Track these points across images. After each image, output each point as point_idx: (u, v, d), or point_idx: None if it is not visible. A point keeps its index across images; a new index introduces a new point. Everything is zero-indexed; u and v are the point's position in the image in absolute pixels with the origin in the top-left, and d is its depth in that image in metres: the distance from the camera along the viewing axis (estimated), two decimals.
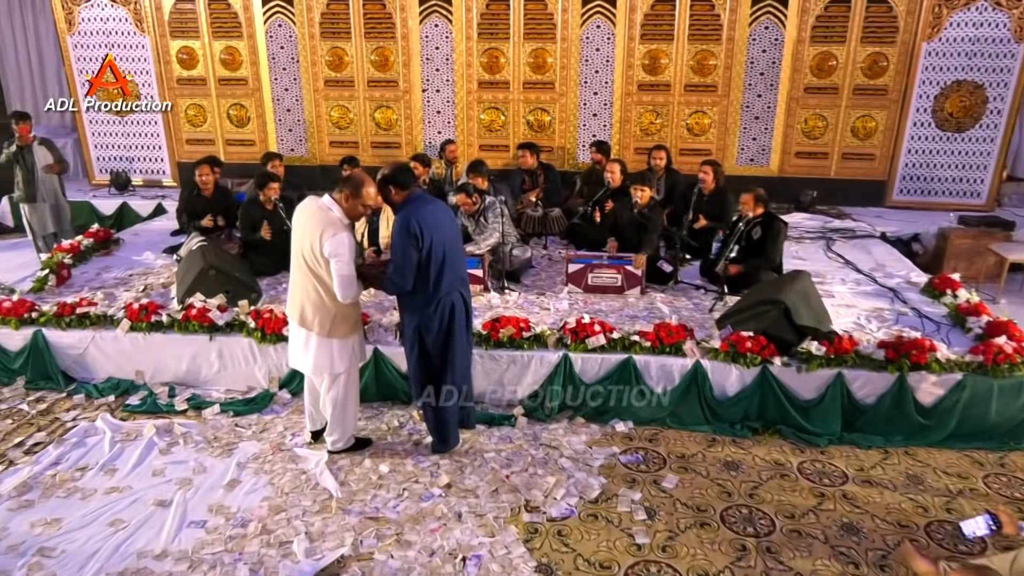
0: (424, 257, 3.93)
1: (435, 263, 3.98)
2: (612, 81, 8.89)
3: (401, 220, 3.95)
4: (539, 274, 6.57)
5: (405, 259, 3.92)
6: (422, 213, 3.95)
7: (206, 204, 6.92)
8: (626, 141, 9.10)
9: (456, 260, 4.16)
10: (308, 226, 3.98)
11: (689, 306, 5.81)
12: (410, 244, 3.90)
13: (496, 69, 9.04)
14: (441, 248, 3.99)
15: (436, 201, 4.22)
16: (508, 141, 9.28)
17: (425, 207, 4.01)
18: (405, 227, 3.90)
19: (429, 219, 3.95)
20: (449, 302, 4.12)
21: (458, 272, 4.19)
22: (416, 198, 4.04)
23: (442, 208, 4.20)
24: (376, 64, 9.21)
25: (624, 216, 6.39)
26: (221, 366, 5.32)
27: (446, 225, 4.11)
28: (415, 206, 3.99)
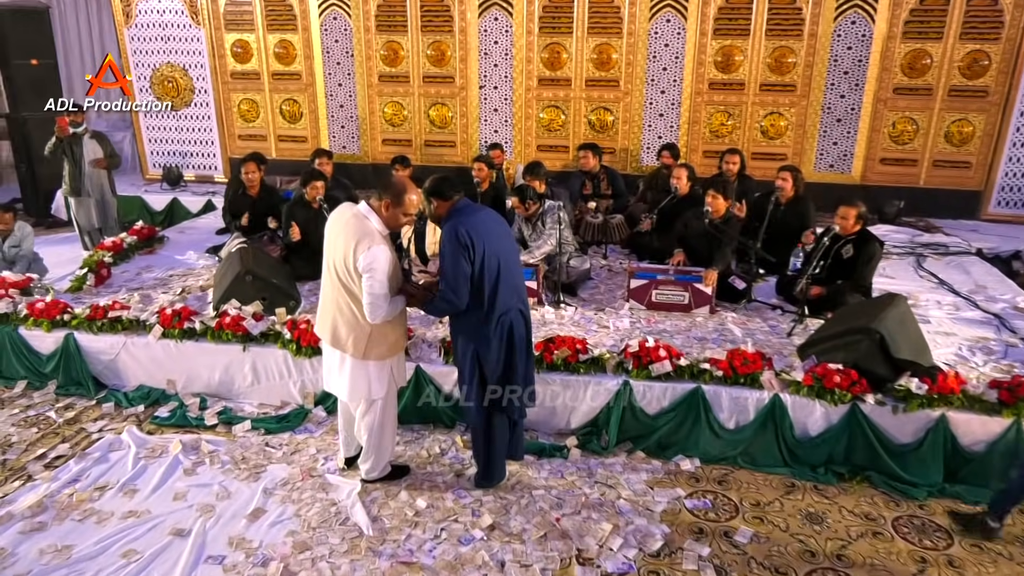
0: (477, 270, 3.51)
1: (489, 276, 3.54)
2: (681, 79, 8.32)
3: (448, 230, 3.51)
4: (598, 287, 6.07)
5: (457, 272, 3.47)
6: (471, 222, 3.53)
7: (251, 203, 6.64)
8: (694, 143, 8.51)
9: (513, 272, 3.70)
10: (341, 236, 3.58)
11: (764, 328, 5.23)
12: (461, 255, 3.46)
13: (557, 65, 8.56)
14: (495, 259, 3.55)
15: (485, 209, 3.78)
16: (568, 141, 8.79)
17: (474, 215, 3.60)
18: (454, 237, 3.47)
19: (480, 228, 3.52)
20: (508, 321, 3.67)
21: (516, 286, 3.74)
22: (462, 208, 3.63)
23: (493, 216, 3.76)
24: (432, 59, 8.83)
25: (694, 227, 5.84)
26: (255, 379, 4.99)
27: (500, 234, 3.67)
28: (462, 215, 3.58)
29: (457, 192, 3.65)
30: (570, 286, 5.83)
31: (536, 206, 5.85)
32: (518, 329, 3.72)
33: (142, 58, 9.54)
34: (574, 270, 5.86)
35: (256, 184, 6.68)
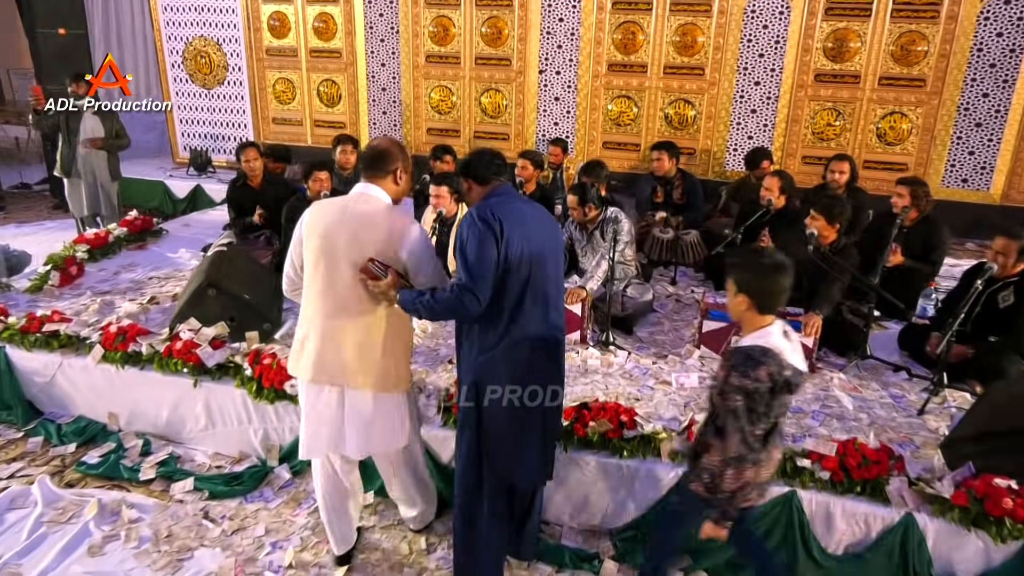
0: (502, 268, 2.53)
1: (516, 281, 2.57)
2: (781, 68, 6.89)
3: (473, 212, 2.58)
4: (660, 323, 4.76)
5: (483, 256, 2.50)
6: (506, 209, 2.58)
7: (253, 195, 5.61)
8: (792, 147, 7.06)
9: (551, 287, 2.68)
10: (358, 233, 2.66)
11: (885, 399, 3.84)
12: (488, 239, 2.50)
13: (632, 48, 7.25)
14: (529, 262, 2.58)
15: (531, 203, 2.85)
16: (639, 139, 7.47)
17: (512, 204, 2.66)
18: (480, 217, 2.54)
19: (515, 219, 2.57)
20: (527, 348, 2.62)
21: (551, 304, 2.69)
22: (501, 192, 2.69)
23: (540, 212, 2.78)
24: (487, 38, 7.65)
25: (792, 253, 4.45)
26: (209, 421, 3.93)
27: (544, 236, 2.68)
28: (498, 200, 2.64)
29: (498, 174, 2.71)
30: (625, 321, 4.56)
31: (596, 212, 4.61)
32: (543, 362, 2.70)
33: (174, 30, 8.71)
34: (631, 301, 4.58)
35: (258, 174, 5.66)
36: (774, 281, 2.27)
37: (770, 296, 2.27)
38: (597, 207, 4.58)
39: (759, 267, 2.29)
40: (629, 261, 4.70)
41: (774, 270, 2.27)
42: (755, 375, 2.15)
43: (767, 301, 2.28)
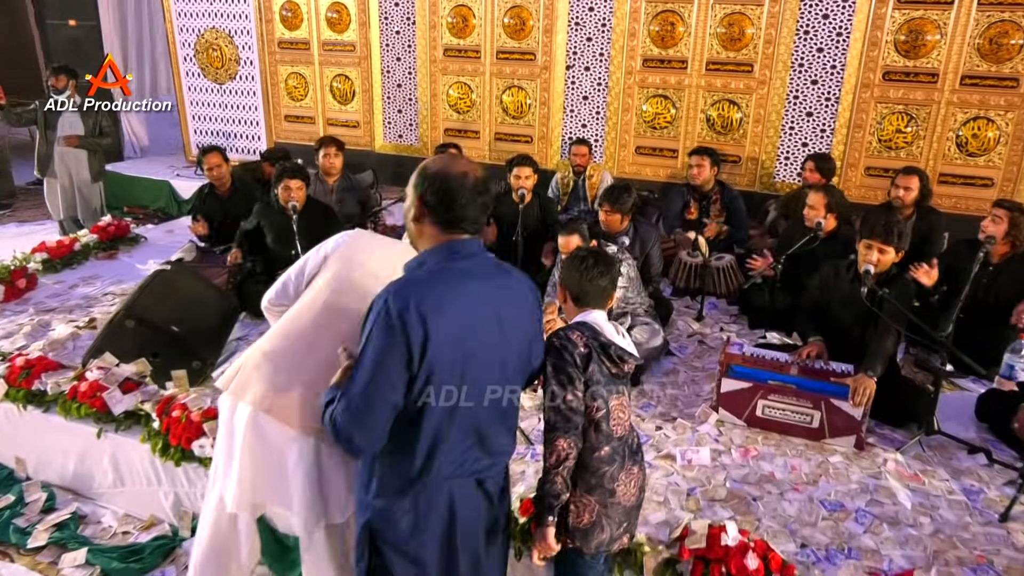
0: (419, 390, 1.73)
1: (441, 403, 1.76)
2: (844, 64, 5.93)
3: (395, 288, 1.71)
4: (676, 370, 3.93)
5: (373, 384, 1.69)
6: (446, 292, 1.74)
7: (222, 205, 5.01)
8: (854, 156, 6.09)
9: (499, 406, 1.88)
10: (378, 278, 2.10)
11: (955, 494, 2.94)
12: (394, 349, 1.67)
13: (670, 41, 6.39)
14: (464, 376, 1.78)
15: (499, 273, 1.89)
16: (677, 143, 6.61)
17: (464, 282, 1.78)
18: (396, 306, 1.67)
19: (456, 311, 1.75)
20: (447, 499, 1.85)
21: (496, 431, 1.90)
22: (455, 253, 1.80)
23: (507, 291, 1.88)
24: (510, 29, 6.90)
25: (840, 291, 3.59)
26: (117, 477, 3.31)
27: (499, 333, 1.84)
28: (442, 270, 1.78)
29: (467, 221, 1.79)
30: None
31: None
32: (464, 522, 1.88)
33: (187, 21, 8.23)
34: (637, 346, 3.76)
35: (225, 181, 5.06)
36: (585, 276, 2.17)
37: (584, 292, 2.18)
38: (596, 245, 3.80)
39: (572, 261, 2.22)
40: (638, 301, 3.89)
41: (584, 264, 2.18)
42: (564, 334, 2.09)
43: (583, 296, 2.19)
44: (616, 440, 2.15)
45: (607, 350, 2.11)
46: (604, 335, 2.14)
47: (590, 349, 2.09)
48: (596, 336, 2.12)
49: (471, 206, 1.76)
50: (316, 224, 4.59)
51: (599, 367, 2.11)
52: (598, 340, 2.12)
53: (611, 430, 2.13)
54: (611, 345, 2.12)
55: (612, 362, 2.12)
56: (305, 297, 2.24)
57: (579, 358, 2.06)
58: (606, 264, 2.24)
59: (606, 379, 2.13)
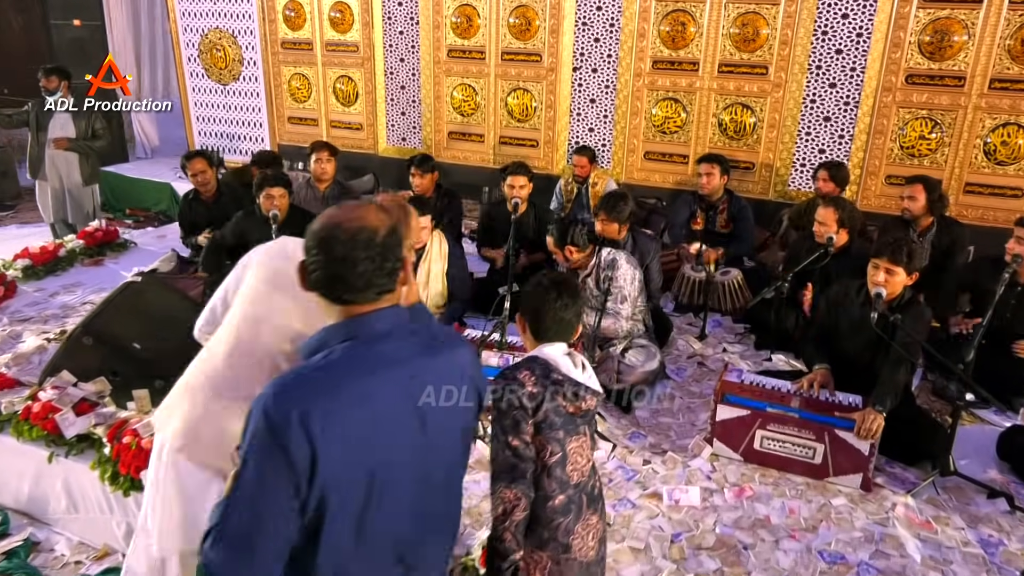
0: (310, 521, 1.32)
1: (334, 541, 1.35)
2: (864, 67, 5.61)
3: (274, 391, 1.30)
4: (672, 396, 3.67)
5: (254, 525, 1.27)
6: (335, 397, 1.31)
7: (207, 211, 4.84)
8: (874, 164, 5.77)
9: (422, 528, 1.50)
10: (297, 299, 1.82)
11: (971, 545, 2.66)
12: (276, 468, 1.27)
13: (681, 42, 6.11)
14: (366, 507, 1.37)
15: (423, 351, 1.45)
16: (688, 149, 6.32)
17: (376, 373, 1.37)
18: (264, 433, 1.27)
19: (360, 414, 1.34)
20: None
21: (418, 555, 1.51)
22: (365, 329, 1.39)
23: (429, 376, 1.45)
24: (515, 29, 6.66)
25: (847, 313, 3.31)
26: (71, 503, 3.13)
27: (415, 433, 1.43)
28: (344, 357, 1.36)
29: (362, 286, 1.37)
30: (620, 396, 3.50)
31: (583, 255, 3.58)
32: None
33: (191, 21, 8.11)
34: (630, 370, 3.50)
35: (211, 187, 4.89)
36: (547, 309, 1.94)
37: (545, 326, 1.95)
38: (582, 249, 3.54)
39: (534, 290, 1.99)
40: (631, 317, 3.63)
41: (546, 295, 1.95)
42: (511, 374, 1.89)
43: (543, 331, 1.96)
44: (572, 487, 1.92)
45: (560, 388, 1.88)
46: (559, 371, 1.91)
47: (542, 389, 1.86)
48: (548, 374, 1.90)
49: (375, 270, 1.34)
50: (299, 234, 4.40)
51: (553, 407, 1.89)
52: (550, 378, 1.89)
53: (567, 476, 1.91)
54: (565, 382, 1.90)
55: (568, 401, 1.90)
56: (222, 327, 2.03)
57: (527, 400, 1.85)
58: (571, 295, 2.00)
59: (563, 419, 1.91)
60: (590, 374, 2.02)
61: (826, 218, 3.90)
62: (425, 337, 1.46)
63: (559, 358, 1.97)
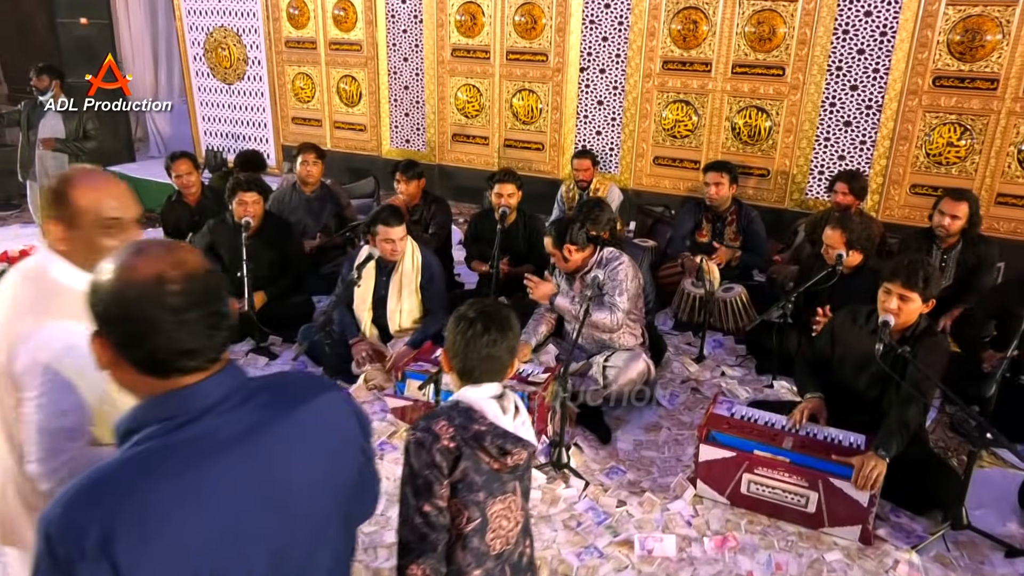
0: None
1: None
2: (888, 68, 5.24)
3: (46, 535, 0.95)
4: (658, 426, 3.37)
5: None
6: (145, 506, 0.98)
7: (190, 215, 4.65)
8: (898, 172, 5.39)
9: None
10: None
11: None
12: None
13: (693, 41, 5.79)
14: None
15: (275, 415, 1.14)
16: (699, 154, 5.99)
17: (184, 475, 1.02)
18: (53, 562, 0.94)
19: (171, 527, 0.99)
20: None
21: None
22: (188, 403, 1.07)
23: (283, 447, 1.14)
24: (520, 28, 6.40)
25: (854, 341, 2.97)
26: None
27: (266, 523, 1.11)
28: (142, 472, 1.01)
29: (173, 354, 1.04)
30: (597, 420, 3.22)
31: (585, 254, 3.30)
32: None
33: (196, 19, 7.98)
34: (607, 383, 3.20)
35: (195, 189, 4.70)
36: (472, 345, 1.68)
37: (469, 366, 1.69)
38: (582, 248, 3.26)
39: (456, 322, 1.73)
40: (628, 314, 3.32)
41: (470, 329, 1.69)
42: (426, 425, 1.63)
43: (469, 370, 1.70)
44: (493, 559, 1.65)
45: (481, 441, 1.61)
46: (485, 418, 1.64)
47: (460, 442, 1.60)
48: (469, 424, 1.63)
49: (185, 329, 1.03)
50: (274, 242, 4.19)
51: (473, 464, 1.62)
52: (470, 429, 1.62)
53: (487, 546, 1.64)
54: (487, 434, 1.62)
55: (492, 456, 1.63)
56: None
57: (441, 456, 1.58)
58: (500, 328, 1.72)
59: (487, 477, 1.64)
60: (524, 420, 1.75)
61: (833, 240, 3.56)
62: (271, 395, 1.17)
63: (486, 403, 1.70)
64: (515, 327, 1.79)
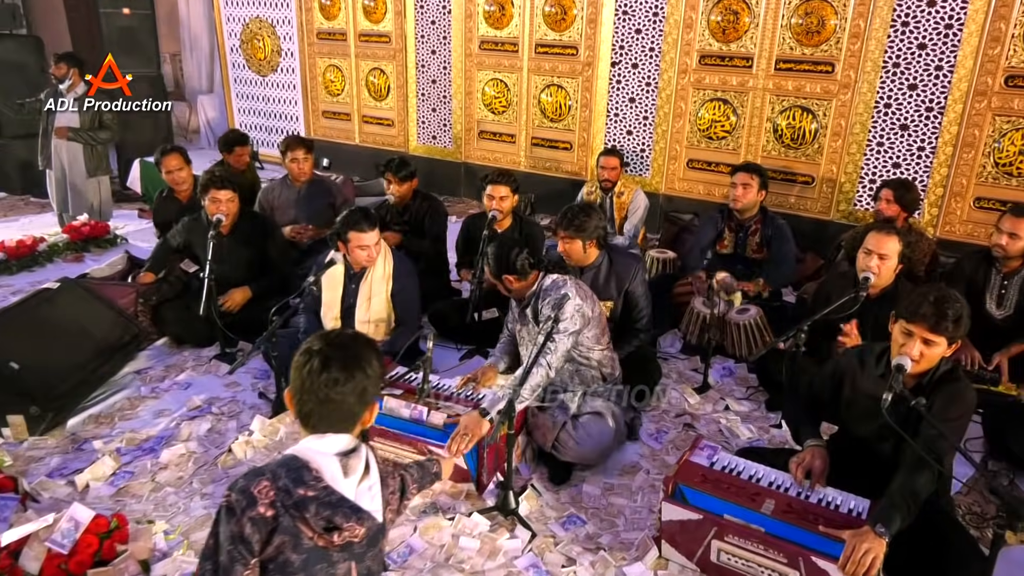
0: None
1: None
2: (952, 65, 4.63)
3: None
4: (637, 467, 2.94)
5: None
6: None
7: (180, 212, 4.46)
8: (960, 183, 4.76)
9: None
10: None
11: None
12: None
13: (733, 34, 5.29)
14: None
15: None
16: (737, 157, 5.47)
17: None
18: None
19: None
20: None
21: None
22: None
23: None
24: (551, 18, 6.01)
25: (864, 384, 2.47)
26: None
27: None
28: None
29: None
30: (563, 467, 2.81)
31: (526, 284, 2.89)
32: None
33: (233, 11, 7.89)
34: (568, 443, 2.77)
35: (186, 186, 4.51)
36: (309, 384, 1.38)
37: (307, 410, 1.40)
38: (522, 277, 2.84)
39: (298, 356, 1.43)
40: (588, 362, 2.91)
41: (307, 365, 1.39)
42: (245, 484, 1.32)
43: (307, 414, 1.40)
44: None
45: (303, 510, 1.32)
46: (321, 480, 1.36)
47: (280, 509, 1.32)
48: (295, 487, 1.33)
49: None
50: (251, 241, 3.93)
51: (292, 539, 1.32)
52: (294, 494, 1.32)
53: None
54: (312, 502, 1.32)
55: (316, 530, 1.33)
56: None
57: (252, 527, 1.30)
58: (344, 367, 1.41)
59: (308, 557, 1.33)
60: (372, 484, 1.43)
61: (886, 248, 3.05)
62: None
63: (324, 460, 1.39)
64: (369, 367, 1.45)
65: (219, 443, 3.03)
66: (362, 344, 1.50)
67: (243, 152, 5.31)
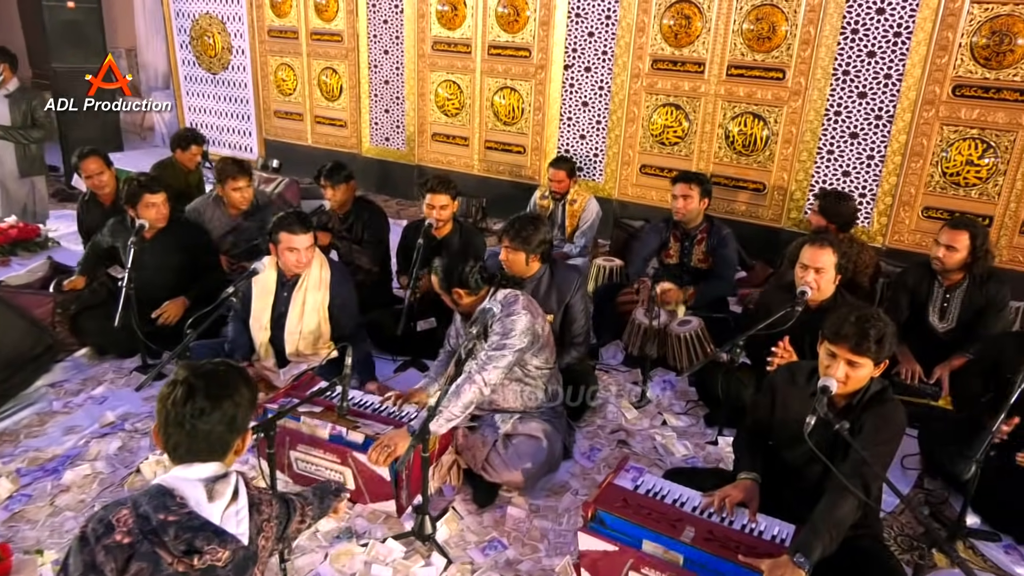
0: None
1: None
2: (901, 74, 4.60)
3: None
4: (566, 487, 2.83)
5: None
6: None
7: (103, 216, 4.27)
8: (908, 192, 4.74)
9: None
10: None
11: None
12: None
13: (685, 39, 5.22)
14: None
15: None
16: (690, 163, 5.41)
17: None
18: None
19: None
20: None
21: None
22: None
23: None
24: (503, 20, 5.90)
25: (796, 403, 2.38)
26: None
27: None
28: None
29: None
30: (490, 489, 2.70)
31: (476, 299, 2.77)
32: None
33: (183, 5, 7.68)
34: (499, 465, 2.66)
35: (108, 189, 4.32)
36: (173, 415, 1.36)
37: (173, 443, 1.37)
38: (473, 291, 2.73)
39: (163, 387, 1.39)
40: (534, 382, 2.80)
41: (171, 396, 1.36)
42: (103, 514, 1.32)
43: (172, 447, 1.38)
44: None
45: (162, 535, 1.29)
46: (185, 505, 1.33)
47: (137, 536, 1.30)
48: (157, 512, 1.31)
49: None
50: (181, 247, 3.75)
51: (151, 565, 1.30)
52: (153, 520, 1.30)
53: None
54: (172, 526, 1.30)
55: (175, 554, 1.31)
56: None
57: (106, 555, 1.28)
58: (210, 396, 1.39)
59: None
60: (239, 509, 1.39)
61: (821, 261, 2.97)
62: None
63: (188, 485, 1.37)
64: (238, 394, 1.42)
65: (128, 462, 2.87)
66: (230, 372, 1.44)
67: (198, 152, 5.15)
